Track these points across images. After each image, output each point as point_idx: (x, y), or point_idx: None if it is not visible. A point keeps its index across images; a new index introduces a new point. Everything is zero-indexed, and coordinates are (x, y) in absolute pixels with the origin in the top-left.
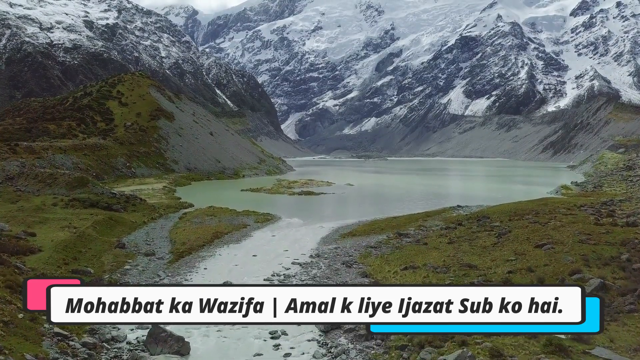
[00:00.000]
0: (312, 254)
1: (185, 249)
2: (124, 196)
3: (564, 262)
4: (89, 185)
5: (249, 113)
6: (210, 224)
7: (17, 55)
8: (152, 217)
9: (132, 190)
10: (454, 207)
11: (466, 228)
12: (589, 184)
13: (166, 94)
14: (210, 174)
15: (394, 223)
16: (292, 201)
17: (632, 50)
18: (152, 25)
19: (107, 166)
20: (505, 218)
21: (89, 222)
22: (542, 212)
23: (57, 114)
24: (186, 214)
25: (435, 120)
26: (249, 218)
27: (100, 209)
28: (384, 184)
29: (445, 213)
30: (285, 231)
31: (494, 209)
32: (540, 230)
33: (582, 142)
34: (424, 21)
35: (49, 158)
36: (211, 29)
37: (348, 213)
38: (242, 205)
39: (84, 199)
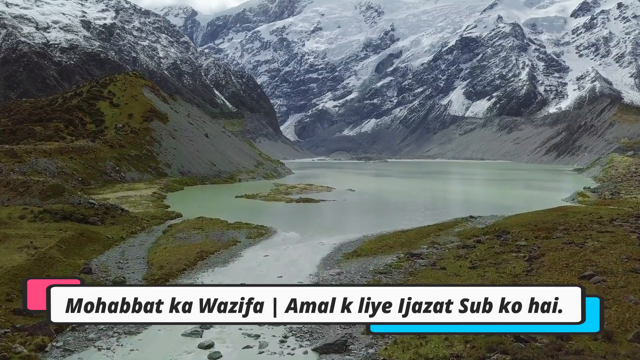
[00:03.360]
0: (310, 281)
1: (162, 274)
2: (103, 207)
3: (627, 304)
4: (64, 195)
5: (247, 114)
6: (196, 241)
7: (12, 55)
8: (132, 230)
9: (119, 197)
10: (466, 218)
11: (487, 247)
12: (604, 190)
13: (160, 94)
14: (204, 178)
15: (403, 239)
16: (290, 210)
17: (634, 52)
18: (150, 25)
19: (95, 170)
20: (530, 234)
21: (55, 240)
22: (572, 228)
23: (45, 115)
24: (172, 227)
25: (436, 122)
26: (240, 232)
27: (73, 221)
28: (387, 188)
29: (458, 226)
30: (280, 249)
31: (512, 221)
32: (578, 254)
33: (586, 144)
34: (424, 22)
35: (31, 162)
36: (210, 29)
37: (351, 225)
38: (235, 214)
39: (56, 211)
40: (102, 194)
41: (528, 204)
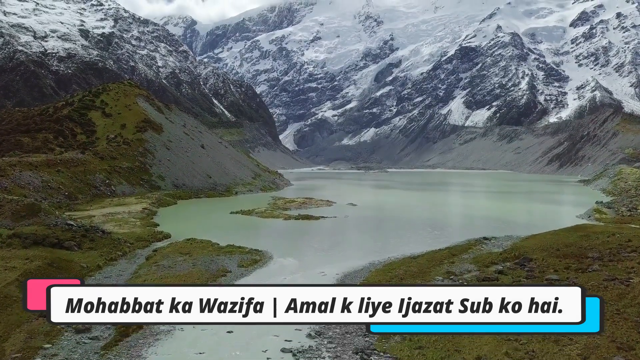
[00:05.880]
0: (310, 329)
1: None
2: (82, 228)
3: None
4: (40, 215)
5: (246, 123)
6: (181, 271)
7: (8, 64)
8: (112, 257)
9: (105, 213)
10: (479, 239)
11: (511, 280)
12: (620, 206)
13: (155, 104)
14: (199, 191)
15: (414, 267)
16: (287, 228)
17: (634, 61)
18: (149, 34)
19: (83, 184)
20: (557, 263)
21: (17, 273)
22: (605, 257)
23: (34, 125)
24: (157, 252)
25: (436, 131)
26: (232, 259)
27: (46, 247)
28: (389, 202)
29: (472, 250)
30: (275, 281)
31: (530, 244)
32: (627, 295)
33: (589, 155)
34: (423, 32)
35: (14, 176)
36: (210, 39)
37: (354, 248)
38: (229, 234)
39: (27, 235)
40: (89, 210)
41: (541, 221)
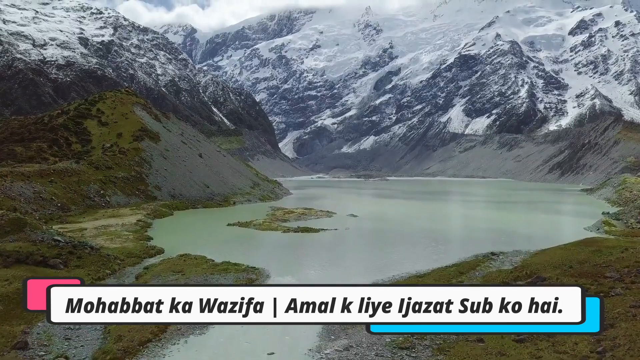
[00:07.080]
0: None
1: (119, 349)
2: (70, 244)
3: None
4: (26, 230)
5: (246, 131)
6: None
7: (7, 72)
8: (99, 276)
9: (98, 226)
10: (487, 255)
11: None
12: (629, 217)
13: (152, 112)
14: (196, 201)
15: None
16: (286, 242)
17: (633, 69)
18: (148, 42)
19: (77, 195)
20: (572, 282)
21: None
22: (625, 277)
23: (28, 134)
24: (148, 270)
25: (435, 139)
26: (226, 278)
27: (29, 265)
28: (390, 213)
29: (480, 267)
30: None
31: (540, 260)
32: None
33: (591, 163)
34: (422, 40)
35: (4, 187)
36: (209, 47)
37: (356, 265)
38: (225, 249)
39: (9, 252)
40: (81, 222)
41: (548, 233)
